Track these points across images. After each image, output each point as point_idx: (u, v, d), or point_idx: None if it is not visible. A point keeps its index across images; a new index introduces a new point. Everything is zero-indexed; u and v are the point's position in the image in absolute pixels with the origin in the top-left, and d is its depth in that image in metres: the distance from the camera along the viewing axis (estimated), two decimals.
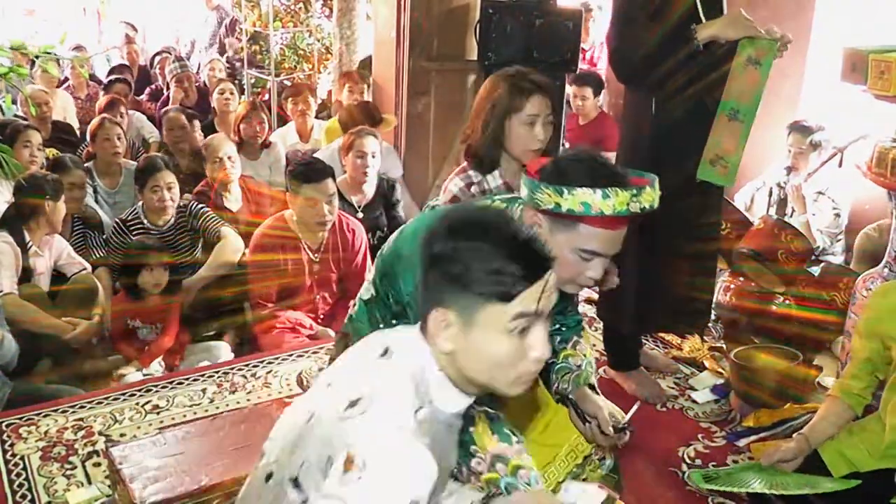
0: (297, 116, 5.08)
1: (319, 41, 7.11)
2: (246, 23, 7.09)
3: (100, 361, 3.22)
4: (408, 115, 4.62)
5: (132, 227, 3.57)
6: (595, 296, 3.19)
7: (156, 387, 2.88)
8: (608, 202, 1.55)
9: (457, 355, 1.25)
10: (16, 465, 2.41)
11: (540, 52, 3.98)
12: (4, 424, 2.60)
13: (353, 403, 1.21)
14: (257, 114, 4.64)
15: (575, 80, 4.82)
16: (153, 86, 6.63)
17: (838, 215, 3.87)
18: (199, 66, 7.22)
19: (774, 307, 3.20)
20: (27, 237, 3.21)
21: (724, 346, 3.20)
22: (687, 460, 2.51)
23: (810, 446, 2.08)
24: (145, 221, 3.58)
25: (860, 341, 2.12)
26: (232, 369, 3.02)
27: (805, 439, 2.09)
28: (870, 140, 2.80)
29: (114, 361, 3.20)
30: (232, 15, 7.56)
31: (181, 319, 3.37)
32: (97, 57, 7.89)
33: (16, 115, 5.03)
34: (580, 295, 2.70)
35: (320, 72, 6.99)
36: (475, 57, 4.34)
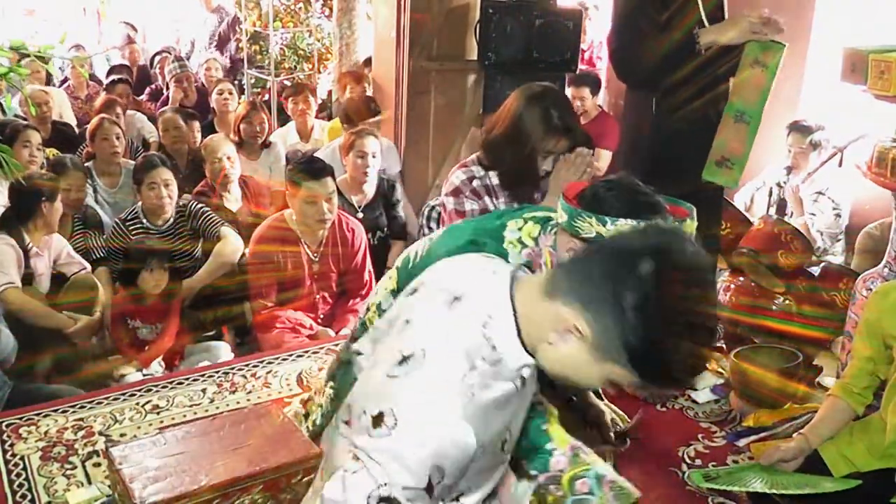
0: (298, 116, 5.08)
1: (319, 41, 7.11)
2: (246, 23, 7.08)
3: (100, 361, 3.22)
4: (408, 115, 4.61)
5: (132, 227, 3.57)
6: None
7: (156, 387, 2.88)
8: None
9: (551, 350, 1.23)
10: (16, 465, 2.40)
11: (540, 52, 3.99)
12: (4, 424, 2.59)
13: (404, 360, 1.22)
14: (257, 114, 4.64)
15: (573, 82, 4.82)
16: (153, 86, 6.63)
17: (839, 216, 3.87)
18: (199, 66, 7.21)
19: (774, 307, 3.20)
20: (26, 239, 3.21)
21: (724, 346, 3.20)
22: (687, 460, 2.50)
23: (810, 446, 2.08)
24: (145, 221, 3.58)
25: (861, 341, 2.12)
26: (232, 369, 3.01)
27: (805, 439, 2.09)
28: (869, 140, 2.80)
29: (114, 361, 3.20)
30: (233, 13, 7.54)
31: (181, 319, 3.37)
32: (97, 57, 7.89)
33: (16, 115, 5.04)
34: None
35: (320, 72, 6.99)
36: (475, 57, 4.35)
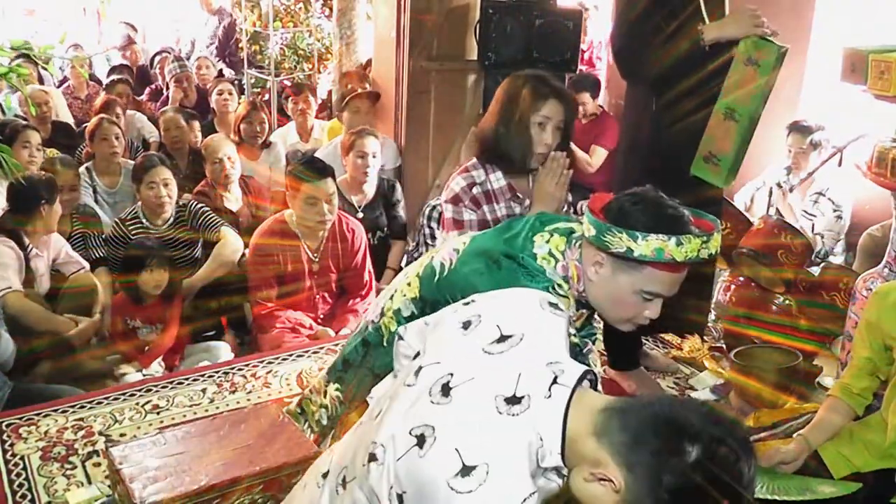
0: (298, 116, 5.08)
1: (319, 41, 7.11)
2: (246, 23, 7.08)
3: (100, 361, 3.22)
4: (408, 115, 4.61)
5: (131, 227, 3.56)
6: None
7: (156, 387, 2.88)
8: (681, 249, 1.57)
9: (583, 482, 1.16)
10: (16, 465, 2.41)
11: (540, 52, 3.99)
12: (4, 424, 2.60)
13: (466, 470, 1.10)
14: (257, 114, 4.64)
15: (572, 86, 4.82)
16: (153, 86, 6.62)
17: (839, 217, 3.86)
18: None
19: (774, 307, 3.20)
20: (26, 240, 3.20)
21: (724, 346, 3.20)
22: None
23: (810, 447, 2.08)
24: (144, 221, 3.58)
25: (861, 341, 2.12)
26: (232, 369, 3.02)
27: (805, 440, 2.09)
28: (869, 140, 2.80)
29: (114, 361, 3.20)
30: (232, 16, 7.53)
31: (181, 319, 3.37)
32: (97, 57, 7.88)
33: (16, 115, 5.03)
34: None
35: (320, 72, 6.99)
36: (475, 57, 4.35)
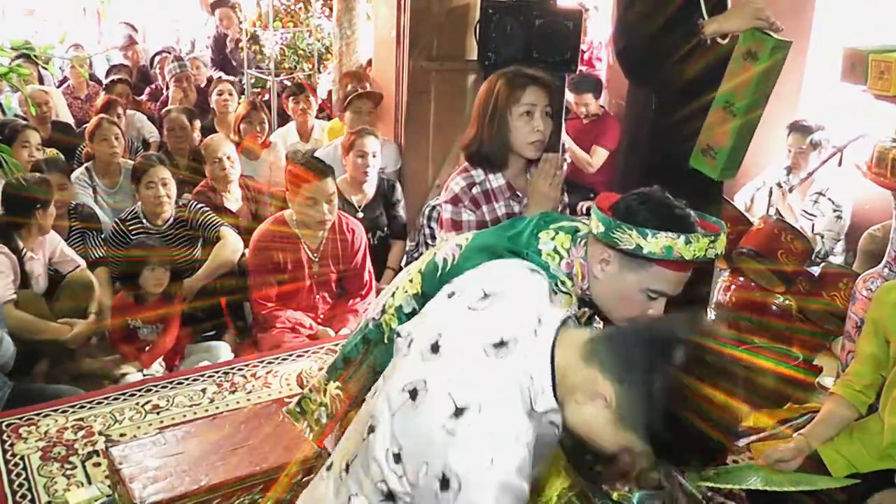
0: (298, 116, 5.08)
1: (319, 41, 7.10)
2: (246, 23, 7.07)
3: (100, 361, 3.22)
4: (408, 115, 4.61)
5: (131, 228, 3.56)
6: None
7: (156, 387, 2.88)
8: (690, 247, 1.58)
9: (577, 407, 1.24)
10: (16, 465, 2.41)
11: (540, 52, 3.98)
12: (4, 424, 2.60)
13: (459, 412, 1.19)
14: (257, 114, 4.64)
15: (574, 88, 4.82)
16: (153, 86, 6.62)
17: (840, 217, 3.86)
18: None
19: (774, 307, 3.20)
20: (20, 244, 3.19)
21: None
22: None
23: (810, 447, 2.08)
24: (144, 221, 3.58)
25: (865, 339, 2.12)
26: (232, 369, 3.02)
27: (805, 440, 2.09)
28: (869, 140, 2.79)
29: (114, 361, 3.20)
30: (218, 26, 7.47)
31: (181, 319, 3.37)
32: (97, 57, 7.88)
33: (16, 115, 5.03)
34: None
35: (320, 72, 6.98)
36: (475, 57, 4.34)
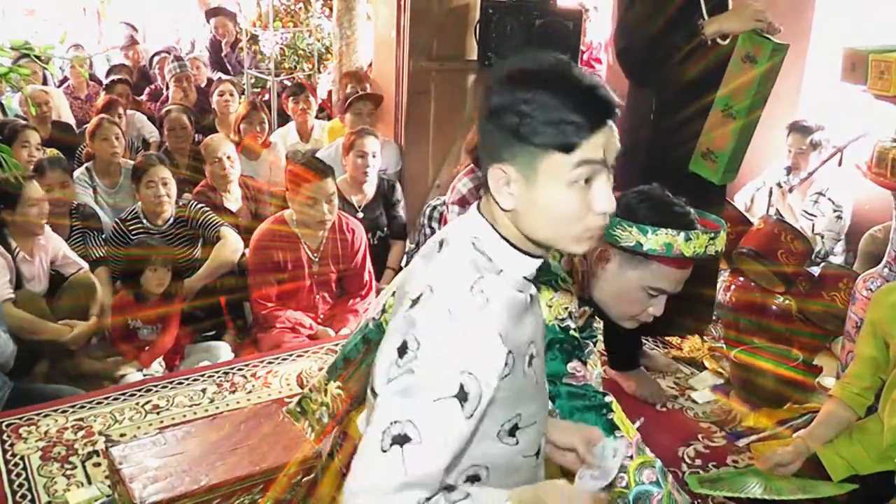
0: (298, 116, 5.08)
1: (319, 41, 7.10)
2: (245, 22, 7.08)
3: (100, 361, 3.22)
4: (408, 115, 4.62)
5: (132, 228, 3.56)
6: None
7: (156, 387, 2.88)
8: (689, 244, 1.59)
9: (519, 213, 1.20)
10: (16, 465, 2.41)
11: None
12: (4, 424, 2.60)
13: (415, 301, 1.19)
14: (257, 114, 4.64)
15: None
16: (153, 86, 6.62)
17: (840, 217, 3.86)
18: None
19: (774, 307, 3.20)
20: (13, 244, 3.19)
21: (724, 346, 3.20)
22: (687, 460, 2.50)
23: (809, 450, 2.07)
24: (145, 221, 3.58)
25: (864, 340, 2.12)
26: (232, 369, 3.02)
27: (804, 442, 2.09)
28: (869, 140, 2.80)
29: (114, 361, 3.20)
30: (213, 31, 7.46)
31: (181, 319, 3.37)
32: (97, 57, 7.88)
33: (16, 115, 5.03)
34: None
35: (320, 72, 6.98)
36: (475, 57, 4.35)
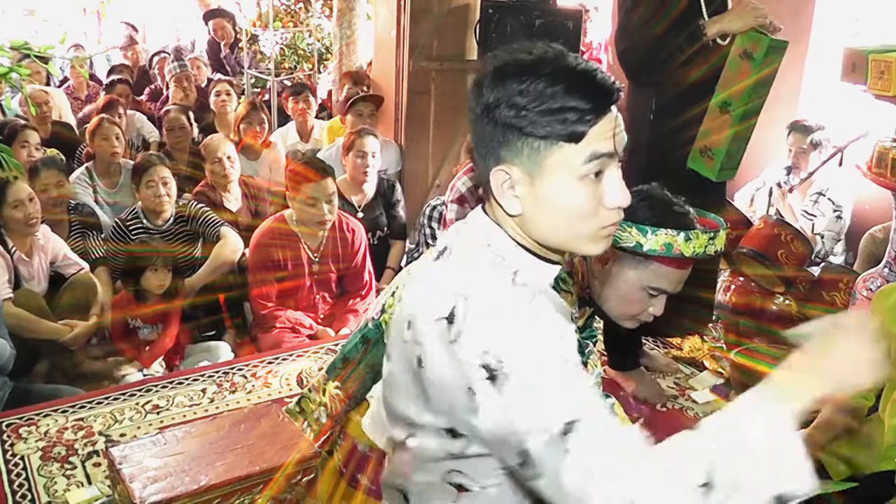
0: (298, 115, 5.08)
1: (319, 41, 7.11)
2: (245, 22, 7.08)
3: (100, 361, 3.22)
4: (408, 115, 4.62)
5: (132, 228, 3.56)
6: None
7: (156, 387, 2.88)
8: (689, 244, 1.59)
9: (527, 217, 1.09)
10: (16, 465, 2.41)
11: None
12: (4, 424, 2.60)
13: (450, 320, 1.04)
14: (257, 113, 4.64)
15: None
16: (153, 86, 6.62)
17: (840, 217, 3.86)
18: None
19: (774, 307, 3.20)
20: (9, 244, 3.18)
21: (724, 346, 3.20)
22: None
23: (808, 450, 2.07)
24: (145, 221, 3.57)
25: None
26: (232, 369, 3.02)
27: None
28: (869, 140, 2.80)
29: (114, 361, 3.20)
30: (210, 33, 7.47)
31: (181, 319, 3.37)
32: (97, 57, 7.88)
33: (16, 115, 5.03)
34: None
35: (320, 72, 6.99)
36: (475, 57, 4.35)
